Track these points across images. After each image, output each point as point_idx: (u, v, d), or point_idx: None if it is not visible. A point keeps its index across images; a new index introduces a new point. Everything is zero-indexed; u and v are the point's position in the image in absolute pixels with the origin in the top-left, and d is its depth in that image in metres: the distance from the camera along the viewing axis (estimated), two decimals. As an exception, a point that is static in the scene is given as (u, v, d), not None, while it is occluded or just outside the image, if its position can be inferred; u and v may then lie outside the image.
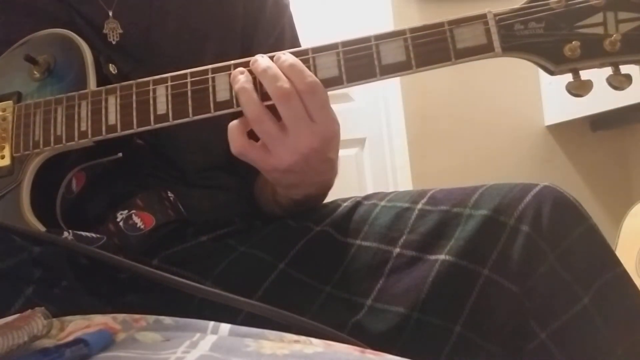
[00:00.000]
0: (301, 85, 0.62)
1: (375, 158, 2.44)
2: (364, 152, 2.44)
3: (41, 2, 0.78)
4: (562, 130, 2.48)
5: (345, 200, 0.78)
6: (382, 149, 2.45)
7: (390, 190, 0.78)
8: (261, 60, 0.64)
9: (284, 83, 0.62)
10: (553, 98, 2.41)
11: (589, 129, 2.51)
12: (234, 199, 0.85)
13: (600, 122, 2.43)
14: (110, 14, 0.77)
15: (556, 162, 2.51)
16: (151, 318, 0.46)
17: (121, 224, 0.71)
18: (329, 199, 0.80)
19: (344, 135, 0.69)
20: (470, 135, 2.42)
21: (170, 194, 0.75)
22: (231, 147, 0.65)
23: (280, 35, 0.86)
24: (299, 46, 0.87)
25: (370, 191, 0.80)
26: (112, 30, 0.77)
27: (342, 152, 0.71)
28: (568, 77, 0.64)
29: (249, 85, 0.63)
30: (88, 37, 0.74)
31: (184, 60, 0.69)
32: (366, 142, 2.44)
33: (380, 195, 0.76)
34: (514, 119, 2.47)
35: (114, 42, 0.77)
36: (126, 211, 0.72)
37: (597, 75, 0.63)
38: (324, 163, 0.67)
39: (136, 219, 0.72)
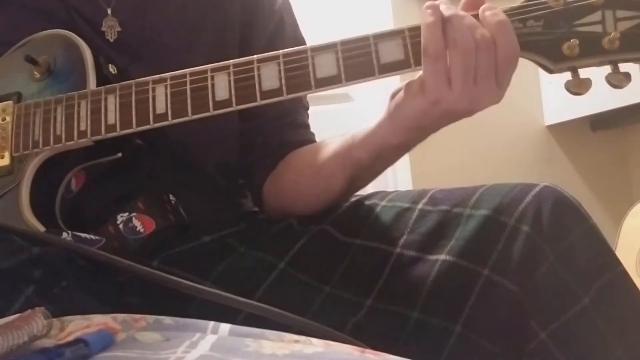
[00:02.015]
0: (506, 45, 0.60)
1: (375, 158, 2.43)
2: (364, 152, 2.43)
3: (40, 1, 0.78)
4: (562, 130, 2.48)
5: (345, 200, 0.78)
6: (382, 148, 2.43)
7: (390, 190, 0.78)
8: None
9: (488, 35, 0.60)
10: (553, 98, 2.41)
11: (589, 128, 2.50)
12: (236, 204, 0.85)
13: (601, 122, 2.42)
14: (109, 11, 0.77)
15: (556, 162, 2.50)
16: (151, 318, 0.46)
17: (121, 226, 0.71)
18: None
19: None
20: (470, 135, 2.41)
21: (171, 198, 0.75)
22: (427, 44, 0.61)
23: (279, 22, 0.85)
24: (300, 34, 0.87)
25: (370, 191, 0.79)
26: (111, 28, 0.77)
27: (341, 152, 0.71)
28: (567, 77, 0.64)
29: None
30: (86, 36, 0.74)
31: (181, 52, 0.68)
32: (366, 142, 2.43)
33: (381, 195, 0.76)
34: (514, 118, 2.47)
35: (111, 40, 0.77)
36: (127, 214, 0.71)
37: (597, 75, 0.63)
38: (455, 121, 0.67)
39: (136, 222, 0.71)
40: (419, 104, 0.64)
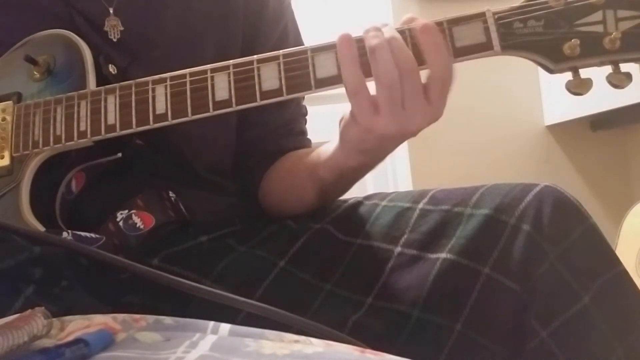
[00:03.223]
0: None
1: (375, 158, 2.43)
2: (364, 152, 2.43)
3: (41, 1, 0.78)
4: (562, 130, 2.48)
5: (345, 200, 0.78)
6: (382, 149, 2.43)
7: (391, 190, 0.78)
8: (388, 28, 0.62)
9: (411, 58, 0.60)
10: (553, 98, 2.41)
11: (589, 128, 2.50)
12: (235, 202, 0.85)
13: (601, 122, 2.42)
14: (111, 11, 0.77)
15: (556, 162, 2.50)
16: (151, 318, 0.46)
17: (121, 223, 0.71)
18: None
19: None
20: (470, 135, 2.41)
21: (171, 194, 0.75)
22: (345, 79, 0.62)
23: (284, 31, 0.86)
24: (302, 42, 0.87)
25: (370, 191, 0.80)
26: (113, 28, 0.77)
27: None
28: (568, 77, 0.64)
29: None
30: (88, 35, 0.74)
31: (184, 56, 0.69)
32: (366, 142, 2.43)
33: (381, 195, 0.76)
34: (514, 119, 2.47)
35: (114, 40, 0.77)
36: (126, 211, 0.72)
37: (597, 75, 0.63)
38: (400, 143, 0.68)
39: (136, 219, 0.71)
40: (355, 131, 0.65)
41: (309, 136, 0.89)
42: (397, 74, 0.60)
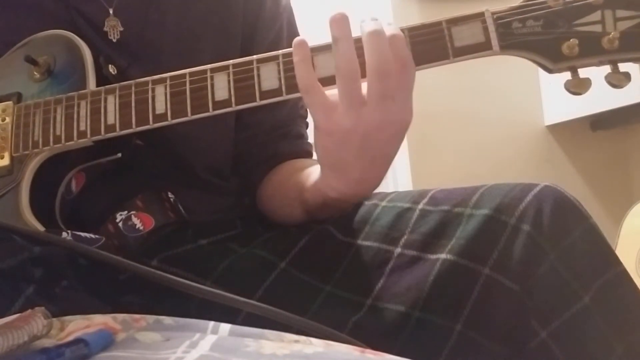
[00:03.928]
0: (397, 61, 0.59)
1: (375, 158, 2.43)
2: (364, 152, 2.43)
3: (41, 1, 0.78)
4: (562, 130, 2.48)
5: (345, 200, 0.78)
6: (382, 149, 2.43)
7: (391, 190, 0.78)
8: (372, 23, 0.61)
9: (388, 57, 0.59)
10: (553, 98, 2.41)
11: (589, 128, 2.50)
12: (235, 203, 0.85)
13: (600, 122, 2.43)
14: (111, 11, 0.77)
15: (556, 162, 2.50)
16: (151, 318, 0.46)
17: (120, 224, 0.71)
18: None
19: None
20: (470, 136, 2.42)
21: (170, 195, 0.75)
22: (298, 79, 0.61)
23: (279, 31, 0.86)
24: None
25: (370, 192, 0.79)
26: (113, 28, 0.77)
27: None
28: (567, 76, 0.64)
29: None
30: (88, 36, 0.74)
31: (183, 56, 0.69)
32: (366, 142, 2.43)
33: (381, 196, 0.76)
34: (514, 118, 2.47)
35: (114, 40, 0.77)
36: (126, 212, 0.72)
37: (597, 75, 0.63)
38: (381, 154, 0.63)
39: (135, 220, 0.71)
40: (317, 139, 0.64)
41: (310, 140, 0.88)
42: (357, 67, 0.59)
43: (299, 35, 0.89)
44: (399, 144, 0.63)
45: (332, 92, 0.62)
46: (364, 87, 0.60)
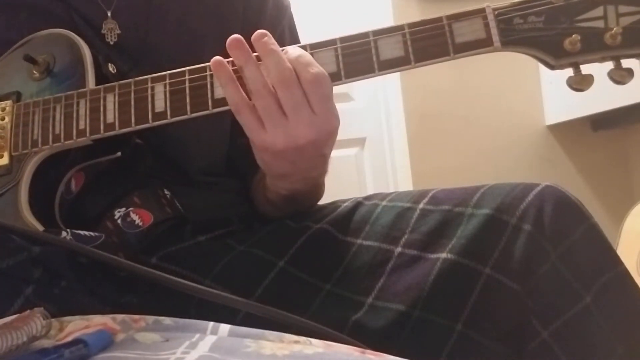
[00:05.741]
0: (306, 74, 0.61)
1: (375, 158, 2.44)
2: (364, 152, 2.44)
3: (41, 1, 0.77)
4: (563, 130, 2.48)
5: (345, 200, 0.78)
6: (382, 148, 2.44)
7: (391, 190, 0.78)
8: (270, 40, 0.63)
9: (287, 69, 0.61)
10: (554, 97, 2.41)
11: (590, 128, 2.50)
12: (233, 200, 0.85)
13: (601, 121, 2.42)
14: (109, 14, 0.77)
15: (557, 161, 2.50)
16: (150, 318, 0.46)
17: (119, 221, 0.71)
18: (329, 199, 0.80)
19: (344, 135, 0.68)
20: (471, 135, 2.42)
21: (166, 192, 0.75)
22: (227, 98, 0.63)
23: (280, 36, 0.86)
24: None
25: (370, 191, 0.80)
26: (110, 31, 0.77)
27: (342, 152, 0.71)
28: (569, 74, 0.63)
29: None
30: (86, 37, 0.74)
31: (182, 61, 0.68)
32: (366, 142, 2.44)
33: (381, 196, 0.76)
34: (514, 118, 2.47)
35: (111, 43, 0.77)
36: (124, 209, 0.71)
37: (598, 74, 0.63)
38: (317, 158, 0.66)
39: (134, 216, 0.71)
40: (256, 153, 0.66)
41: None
42: (266, 86, 0.61)
43: (299, 41, 0.89)
44: (333, 144, 0.66)
45: None
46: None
